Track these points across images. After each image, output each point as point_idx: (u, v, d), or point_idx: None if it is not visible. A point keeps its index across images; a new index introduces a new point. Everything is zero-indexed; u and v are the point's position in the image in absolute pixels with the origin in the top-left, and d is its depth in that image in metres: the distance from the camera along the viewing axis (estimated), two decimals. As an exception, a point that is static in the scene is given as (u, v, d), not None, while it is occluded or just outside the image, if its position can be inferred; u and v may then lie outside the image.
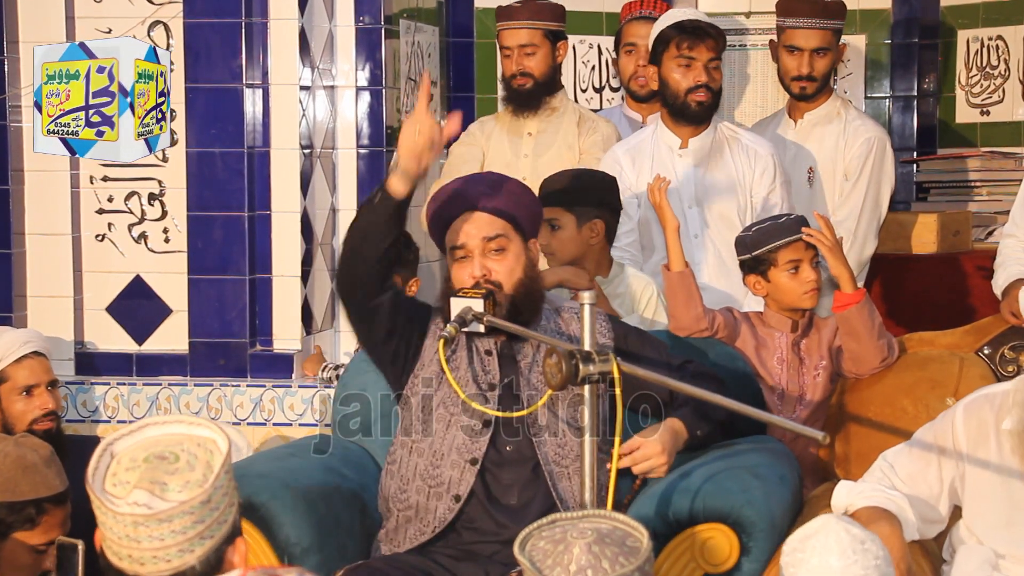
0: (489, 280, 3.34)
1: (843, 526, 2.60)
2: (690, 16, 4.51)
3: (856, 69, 5.87)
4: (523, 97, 4.85)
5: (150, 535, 2.10)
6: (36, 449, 3.55)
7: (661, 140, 4.55)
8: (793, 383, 3.94)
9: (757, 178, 4.49)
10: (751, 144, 4.53)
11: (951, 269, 4.99)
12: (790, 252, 3.90)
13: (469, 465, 3.32)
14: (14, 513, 3.43)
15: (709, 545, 3.17)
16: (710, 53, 4.41)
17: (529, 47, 4.82)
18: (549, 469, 3.33)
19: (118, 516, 2.10)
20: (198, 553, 2.13)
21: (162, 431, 2.21)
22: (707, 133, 4.51)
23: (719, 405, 3.15)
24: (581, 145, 4.80)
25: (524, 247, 3.43)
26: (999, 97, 5.65)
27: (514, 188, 3.47)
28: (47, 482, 3.50)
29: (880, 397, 3.77)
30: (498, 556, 3.26)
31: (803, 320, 3.97)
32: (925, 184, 5.61)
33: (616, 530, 2.45)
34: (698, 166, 4.49)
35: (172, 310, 4.88)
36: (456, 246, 3.40)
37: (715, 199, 4.44)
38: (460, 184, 3.48)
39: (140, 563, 2.12)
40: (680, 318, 3.90)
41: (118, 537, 2.11)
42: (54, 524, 3.50)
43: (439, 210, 3.44)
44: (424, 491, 3.33)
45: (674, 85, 4.45)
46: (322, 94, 4.92)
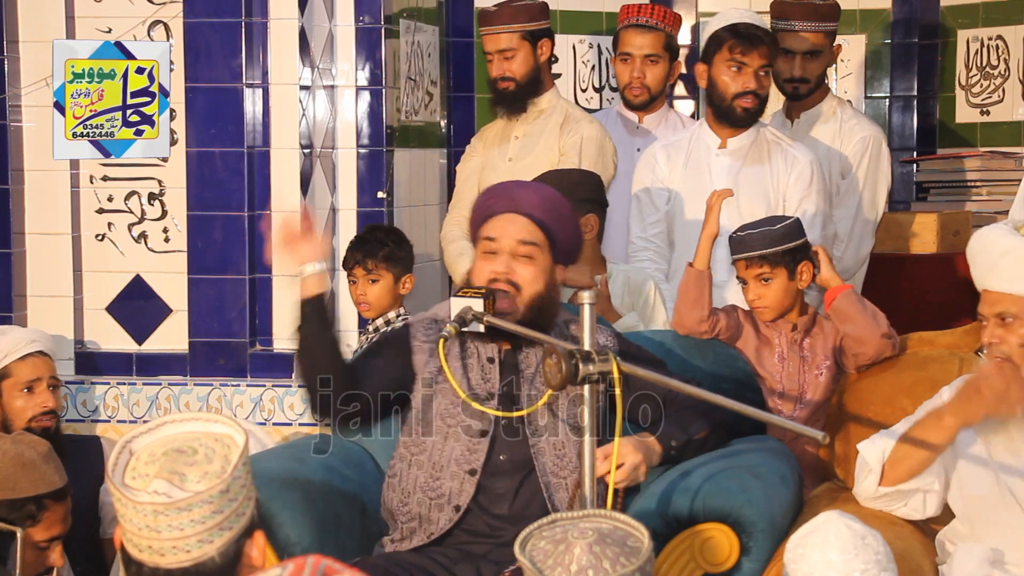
0: (510, 280, 3.34)
1: (844, 522, 2.62)
2: (746, 19, 4.43)
3: (856, 69, 5.88)
4: (508, 99, 4.86)
5: (170, 524, 2.11)
6: (34, 446, 3.55)
7: (701, 138, 4.52)
8: (793, 381, 3.95)
9: (792, 183, 4.43)
10: (791, 149, 4.48)
11: (951, 269, 4.99)
12: (738, 268, 3.97)
13: (468, 476, 3.32)
14: (15, 510, 3.44)
15: (709, 545, 3.17)
16: (762, 60, 4.36)
17: (508, 51, 4.82)
18: (546, 480, 3.32)
19: (138, 506, 2.11)
20: (217, 544, 2.14)
21: (180, 429, 2.23)
22: (747, 135, 4.47)
23: (703, 418, 3.18)
24: (560, 145, 4.78)
25: (551, 267, 3.41)
26: (999, 97, 5.65)
27: (562, 208, 3.45)
28: (46, 478, 3.50)
29: (880, 397, 3.77)
30: (491, 555, 3.26)
31: (804, 319, 3.98)
32: (925, 184, 5.61)
33: (617, 530, 2.45)
34: (734, 166, 4.45)
35: (172, 310, 4.88)
36: (488, 237, 3.39)
37: (747, 201, 4.38)
38: (514, 186, 3.52)
39: (160, 554, 2.12)
40: (684, 316, 3.92)
41: (138, 528, 2.12)
42: (55, 520, 3.51)
43: (486, 200, 3.47)
44: (425, 503, 3.34)
45: (722, 88, 4.40)
46: (322, 94, 4.92)
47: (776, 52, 4.47)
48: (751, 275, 3.93)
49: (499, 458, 3.34)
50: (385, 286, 4.49)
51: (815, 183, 4.45)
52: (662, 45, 4.99)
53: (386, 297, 4.50)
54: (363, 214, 4.95)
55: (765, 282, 3.93)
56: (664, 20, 5.00)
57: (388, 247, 4.51)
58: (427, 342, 3.42)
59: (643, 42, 4.97)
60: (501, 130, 4.94)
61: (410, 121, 5.26)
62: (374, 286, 4.48)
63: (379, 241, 4.52)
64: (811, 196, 4.44)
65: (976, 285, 3.32)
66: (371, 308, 4.50)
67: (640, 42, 4.96)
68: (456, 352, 3.41)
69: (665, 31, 4.99)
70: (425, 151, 5.43)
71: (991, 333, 3.23)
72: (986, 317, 3.25)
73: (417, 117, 5.35)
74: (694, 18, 5.95)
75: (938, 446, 3.22)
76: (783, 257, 3.91)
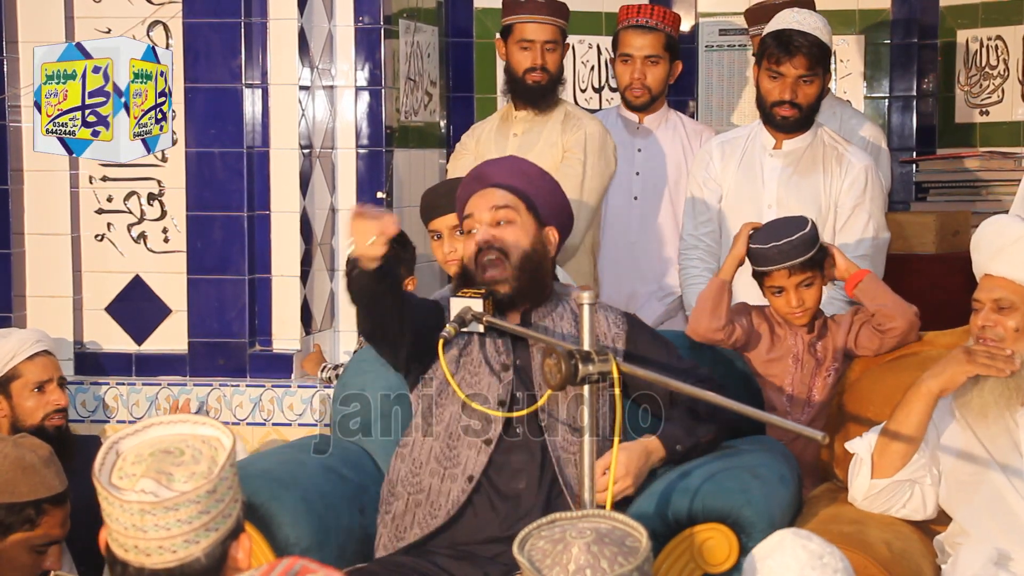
0: (493, 246, 3.36)
1: (800, 542, 2.58)
2: (792, 24, 4.31)
3: (855, 69, 5.88)
4: (535, 93, 4.78)
5: (156, 524, 2.11)
6: (35, 450, 3.55)
7: (757, 137, 4.47)
8: (803, 384, 3.94)
9: (846, 189, 4.37)
10: (847, 154, 4.40)
11: (951, 269, 4.99)
12: (772, 279, 3.90)
13: (484, 446, 3.34)
14: (13, 514, 3.43)
15: (708, 545, 3.17)
16: (799, 70, 4.27)
17: (550, 43, 4.77)
18: (556, 455, 3.33)
19: (125, 505, 2.11)
20: (203, 545, 2.14)
21: (167, 431, 2.22)
22: (803, 138, 4.40)
23: (710, 419, 3.21)
24: (564, 142, 4.75)
25: (536, 227, 3.46)
26: (998, 97, 5.66)
27: (530, 170, 3.53)
28: (46, 483, 3.50)
29: (880, 397, 3.77)
30: (501, 558, 3.26)
31: (818, 321, 3.96)
32: (924, 184, 5.61)
33: (615, 530, 2.45)
34: (787, 168, 4.41)
35: (171, 310, 4.88)
36: (465, 215, 3.45)
37: (796, 204, 4.32)
38: (483, 165, 3.59)
39: (146, 553, 2.12)
40: (700, 324, 3.87)
41: (124, 527, 2.12)
42: (54, 524, 3.50)
43: (460, 191, 3.54)
44: (439, 473, 3.34)
45: (764, 94, 4.36)
46: (321, 94, 4.92)
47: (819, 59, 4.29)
48: (793, 283, 3.87)
49: (516, 431, 3.36)
50: None
51: (869, 190, 4.37)
52: (662, 45, 4.98)
53: (389, 297, 4.50)
54: (363, 214, 4.95)
55: (808, 287, 3.89)
56: (664, 20, 4.99)
57: (393, 248, 4.51)
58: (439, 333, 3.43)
59: (643, 43, 4.95)
60: (497, 127, 4.89)
61: (409, 121, 5.27)
62: (377, 286, 4.48)
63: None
64: (864, 204, 4.37)
65: (976, 271, 3.33)
66: (373, 308, 4.50)
67: (640, 43, 4.95)
68: (477, 356, 3.43)
69: (665, 31, 4.98)
70: (424, 151, 5.43)
71: (986, 317, 3.24)
72: (982, 302, 3.27)
73: (416, 117, 5.35)
74: (694, 18, 5.96)
75: (921, 418, 3.24)
76: (817, 257, 3.88)
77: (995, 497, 3.24)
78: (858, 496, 3.35)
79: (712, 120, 5.88)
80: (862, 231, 4.35)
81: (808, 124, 4.39)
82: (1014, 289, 3.22)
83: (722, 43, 5.96)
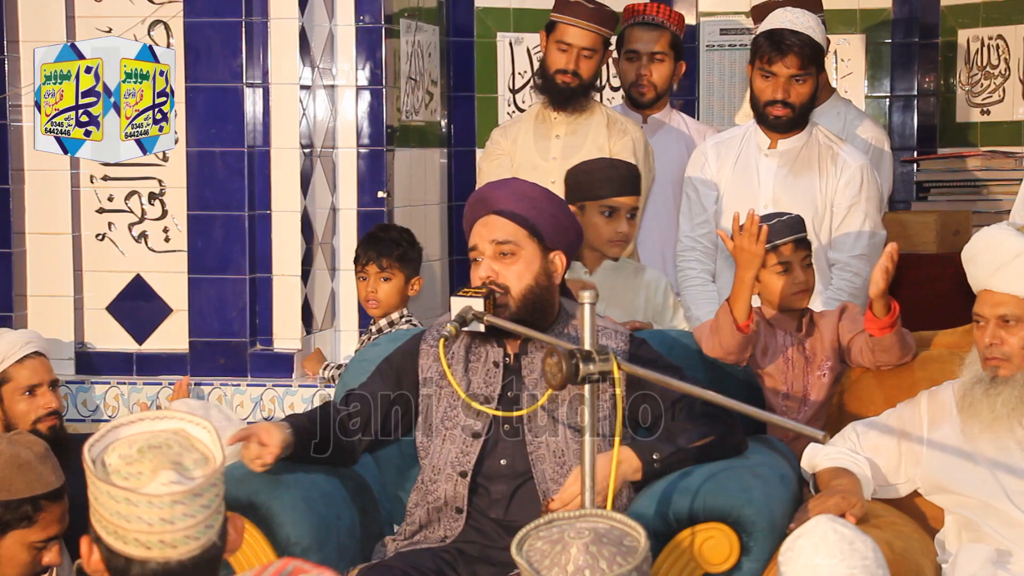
0: (495, 283, 3.33)
1: (832, 526, 2.62)
2: (785, 24, 4.29)
3: (856, 68, 5.88)
4: (562, 93, 4.71)
5: (184, 513, 2.11)
6: (30, 446, 3.54)
7: (752, 137, 4.46)
8: (798, 384, 3.94)
9: (841, 188, 4.36)
10: (842, 153, 4.40)
11: (951, 269, 4.97)
12: (779, 254, 3.89)
13: (460, 478, 3.33)
14: (10, 511, 3.42)
15: (709, 545, 3.17)
16: (792, 69, 4.26)
17: (589, 51, 4.69)
18: (544, 488, 3.30)
19: (154, 499, 2.10)
20: (216, 528, 2.15)
21: (134, 430, 2.22)
22: (798, 137, 4.39)
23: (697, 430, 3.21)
24: (612, 148, 4.68)
25: (541, 255, 3.37)
26: (999, 96, 5.65)
27: (534, 193, 3.41)
28: (42, 479, 3.49)
29: (880, 397, 3.77)
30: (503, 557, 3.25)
31: (805, 319, 3.97)
32: (925, 183, 5.61)
33: (613, 529, 2.45)
34: (782, 168, 4.39)
35: (172, 309, 4.89)
36: (471, 247, 3.40)
37: (792, 203, 4.28)
38: (486, 188, 3.49)
39: (172, 546, 2.12)
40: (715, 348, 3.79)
41: (149, 524, 2.11)
42: (51, 520, 3.50)
43: (466, 212, 3.47)
44: (452, 479, 3.35)
45: (756, 93, 4.35)
46: (322, 93, 4.92)
47: (812, 58, 4.28)
48: (798, 258, 3.89)
49: (499, 463, 3.34)
50: (396, 285, 4.50)
51: (865, 189, 4.37)
52: (668, 43, 4.98)
53: (395, 296, 4.50)
54: (363, 214, 4.96)
55: (808, 267, 3.91)
56: (670, 19, 5.00)
57: (403, 247, 4.52)
58: (434, 346, 3.43)
59: (650, 39, 4.96)
60: (534, 128, 4.80)
61: (410, 121, 5.27)
62: (386, 284, 4.48)
63: (393, 240, 4.52)
64: (860, 203, 4.37)
65: (973, 285, 3.31)
66: (379, 306, 4.50)
67: (647, 39, 4.95)
68: (461, 355, 3.41)
69: (671, 30, 4.99)
70: (425, 151, 5.43)
71: (992, 334, 3.23)
72: (984, 318, 3.25)
73: (417, 117, 5.35)
74: (694, 18, 5.96)
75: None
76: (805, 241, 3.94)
77: (995, 496, 3.24)
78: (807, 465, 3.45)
79: (713, 120, 5.87)
80: (858, 230, 4.34)
81: (802, 124, 4.38)
82: (1018, 303, 3.21)
83: (723, 43, 5.96)
